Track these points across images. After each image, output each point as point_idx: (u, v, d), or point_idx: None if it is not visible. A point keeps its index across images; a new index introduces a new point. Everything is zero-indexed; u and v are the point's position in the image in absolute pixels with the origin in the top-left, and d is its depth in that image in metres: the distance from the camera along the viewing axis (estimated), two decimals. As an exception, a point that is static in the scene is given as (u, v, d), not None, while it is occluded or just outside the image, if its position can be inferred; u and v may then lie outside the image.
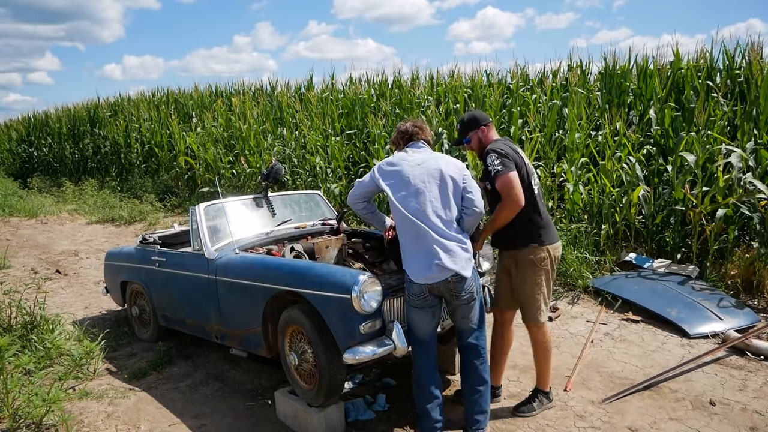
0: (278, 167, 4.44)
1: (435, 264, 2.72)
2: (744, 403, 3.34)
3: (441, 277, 2.73)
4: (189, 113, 13.83)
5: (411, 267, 2.80)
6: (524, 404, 3.32)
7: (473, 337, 2.95)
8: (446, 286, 2.78)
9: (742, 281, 5.16)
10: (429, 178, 2.84)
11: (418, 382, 2.92)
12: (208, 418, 3.47)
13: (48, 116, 19.68)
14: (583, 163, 6.47)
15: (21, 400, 3.11)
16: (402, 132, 3.11)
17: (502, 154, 2.98)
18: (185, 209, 11.02)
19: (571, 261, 5.67)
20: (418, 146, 3.04)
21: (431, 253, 2.73)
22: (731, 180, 5.33)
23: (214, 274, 3.75)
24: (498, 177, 2.92)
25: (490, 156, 2.99)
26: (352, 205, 3.14)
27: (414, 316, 2.88)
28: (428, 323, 2.88)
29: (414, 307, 2.85)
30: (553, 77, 8.46)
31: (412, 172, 2.85)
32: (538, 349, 3.28)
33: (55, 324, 4.43)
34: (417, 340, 2.91)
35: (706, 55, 6.98)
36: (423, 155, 2.96)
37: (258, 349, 3.60)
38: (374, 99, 10.00)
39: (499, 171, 2.92)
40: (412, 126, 3.09)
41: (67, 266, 7.82)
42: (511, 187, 2.90)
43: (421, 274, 2.75)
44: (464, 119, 3.32)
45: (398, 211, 2.82)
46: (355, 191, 3.08)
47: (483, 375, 2.96)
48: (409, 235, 2.80)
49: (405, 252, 2.85)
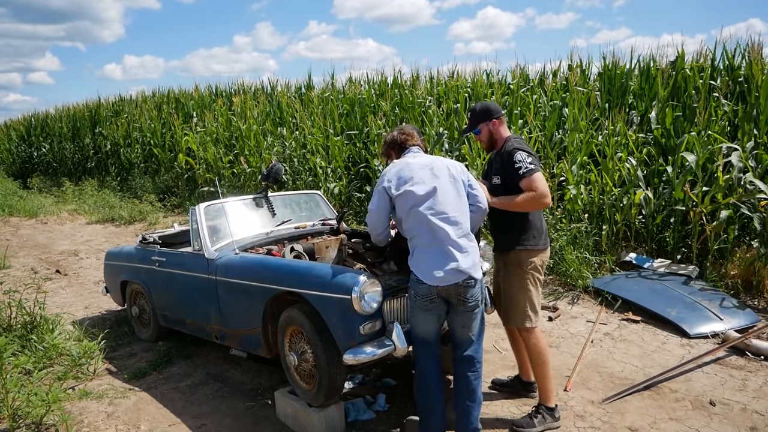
0: (278, 167, 4.44)
1: (450, 266, 2.63)
2: (744, 403, 3.34)
3: (454, 279, 2.65)
4: (190, 113, 13.84)
5: (422, 267, 2.68)
6: (524, 420, 3.13)
7: (471, 350, 2.82)
8: (456, 290, 2.68)
9: (742, 281, 5.17)
10: (441, 178, 2.78)
11: (423, 384, 2.82)
12: (208, 418, 3.47)
13: (48, 116, 19.69)
14: (583, 163, 6.47)
15: (21, 400, 3.11)
16: (390, 142, 3.08)
17: (531, 154, 2.99)
18: (185, 209, 11.02)
19: (571, 261, 5.67)
20: (414, 151, 2.99)
21: (447, 255, 2.65)
22: (731, 180, 5.34)
23: (214, 274, 3.75)
24: (529, 175, 2.93)
25: (519, 153, 2.97)
26: (381, 240, 3.02)
27: (419, 317, 2.79)
28: (434, 324, 2.79)
29: (420, 309, 2.75)
30: (553, 77, 8.46)
31: (422, 174, 2.78)
32: (532, 357, 3.15)
33: (54, 324, 4.43)
34: (421, 341, 2.82)
35: (707, 55, 6.98)
36: (425, 159, 2.91)
37: (258, 349, 3.59)
38: (374, 99, 10.00)
39: (531, 169, 2.93)
40: (399, 134, 3.05)
41: (67, 266, 7.82)
42: (541, 186, 2.92)
43: (433, 275, 2.64)
44: (476, 108, 3.22)
45: (414, 212, 2.72)
46: (375, 223, 2.92)
47: (476, 390, 2.82)
48: (424, 235, 2.69)
49: (417, 252, 2.73)
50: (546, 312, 5.08)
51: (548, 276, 5.93)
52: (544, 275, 3.25)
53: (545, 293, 5.58)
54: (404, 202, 2.76)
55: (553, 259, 5.90)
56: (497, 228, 3.18)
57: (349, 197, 8.90)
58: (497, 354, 4.20)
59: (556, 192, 6.70)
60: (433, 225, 2.68)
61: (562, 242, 5.88)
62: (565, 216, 6.34)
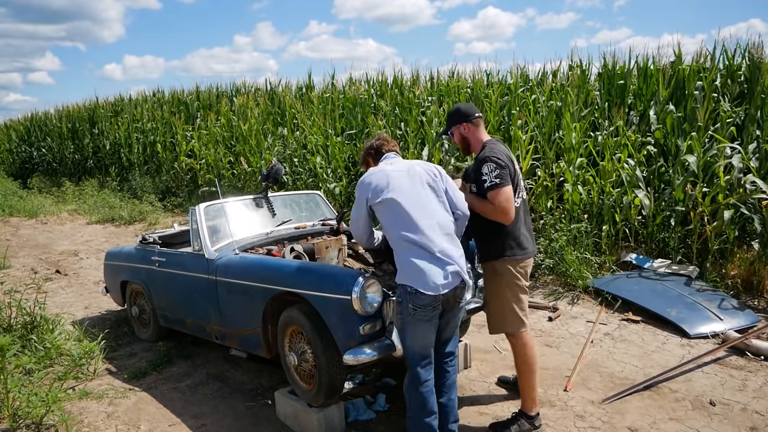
0: (278, 167, 4.44)
1: (450, 270, 2.60)
2: (744, 403, 3.34)
3: (455, 283, 2.63)
4: (193, 114, 13.84)
5: (421, 278, 2.58)
6: (502, 426, 3.08)
7: (453, 346, 2.86)
8: (454, 293, 2.66)
9: (742, 281, 5.17)
10: (418, 184, 2.74)
11: (423, 404, 2.66)
12: (208, 418, 3.47)
13: (48, 116, 19.68)
14: (582, 163, 6.47)
15: (21, 400, 3.11)
16: (367, 149, 3.08)
17: (501, 166, 2.85)
18: (185, 209, 11.03)
19: (571, 261, 5.68)
20: (391, 157, 2.97)
21: (441, 260, 2.60)
22: (732, 180, 5.34)
23: (214, 275, 3.75)
24: (492, 191, 2.84)
25: (488, 165, 2.86)
26: (366, 245, 3.02)
27: (419, 330, 2.64)
28: (433, 333, 2.72)
29: (420, 321, 2.62)
30: (553, 77, 8.46)
31: (400, 180, 2.74)
32: (518, 362, 3.09)
33: (55, 324, 4.43)
34: (421, 356, 2.67)
35: (707, 56, 6.97)
36: (401, 164, 2.87)
37: (258, 349, 3.60)
38: (374, 99, 10.00)
39: (495, 184, 2.83)
40: (376, 141, 3.06)
41: (67, 266, 7.82)
42: (503, 202, 2.83)
43: (436, 284, 2.57)
44: (450, 111, 3.18)
45: (401, 221, 2.66)
46: (358, 231, 2.91)
47: (455, 381, 2.88)
48: (415, 244, 2.61)
49: (411, 263, 2.61)
50: (546, 312, 5.08)
51: (548, 276, 5.94)
52: (529, 280, 3.19)
53: (545, 293, 5.58)
54: (383, 209, 2.72)
55: (553, 259, 5.91)
56: (477, 237, 3.13)
57: (349, 197, 8.89)
58: (497, 354, 4.21)
59: (556, 192, 6.70)
60: (418, 231, 2.62)
61: (562, 242, 5.88)
62: (565, 216, 6.34)
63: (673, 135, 6.19)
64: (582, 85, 7.51)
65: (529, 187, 6.83)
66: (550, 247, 5.98)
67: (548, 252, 5.99)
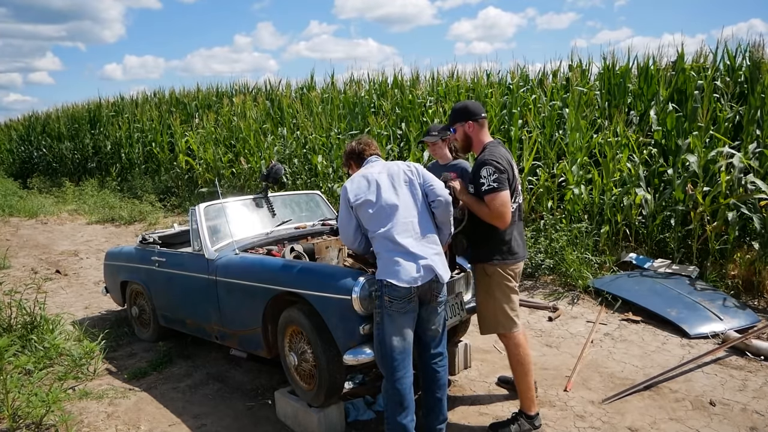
0: (278, 167, 4.44)
1: (422, 263, 2.69)
2: (744, 404, 3.34)
3: (428, 277, 2.70)
4: (192, 113, 13.84)
5: (395, 271, 2.67)
6: (502, 426, 3.07)
7: (441, 345, 2.88)
8: (429, 287, 2.72)
9: (742, 281, 5.17)
10: (399, 183, 2.82)
11: (401, 402, 2.70)
12: (208, 418, 3.47)
13: (48, 116, 19.69)
14: (583, 163, 6.47)
15: (21, 401, 3.11)
16: (349, 153, 3.11)
17: (500, 170, 2.85)
18: (185, 209, 11.03)
19: (571, 261, 5.67)
20: (372, 161, 3.01)
21: (415, 255, 2.69)
22: (732, 180, 5.33)
23: (214, 275, 3.75)
24: (489, 194, 2.85)
25: (487, 168, 2.85)
26: (359, 251, 3.01)
27: (396, 323, 2.69)
28: (412, 326, 2.76)
29: (397, 313, 2.68)
30: (554, 77, 8.46)
31: (381, 179, 2.82)
32: (512, 363, 3.08)
33: (55, 324, 4.43)
34: (399, 350, 2.69)
35: (708, 56, 6.97)
36: (381, 165, 2.94)
37: (258, 349, 3.60)
38: (374, 99, 10.00)
39: (492, 188, 2.83)
40: (357, 144, 3.08)
41: (67, 266, 7.82)
42: (500, 207, 2.84)
43: (410, 276, 2.66)
44: (456, 107, 3.16)
45: (378, 218, 2.75)
46: (345, 236, 2.92)
47: (446, 381, 2.90)
48: (391, 241, 2.71)
49: (388, 256, 2.71)
50: (546, 312, 5.08)
51: (548, 276, 5.94)
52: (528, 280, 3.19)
53: (545, 293, 5.58)
54: (365, 211, 2.78)
55: (553, 260, 5.91)
56: (469, 238, 3.13)
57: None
58: (497, 354, 4.20)
59: (557, 192, 6.70)
60: (394, 229, 2.71)
61: (562, 242, 5.88)
62: (565, 216, 6.34)
63: (674, 135, 6.19)
64: (583, 85, 7.50)
65: (529, 188, 6.83)
66: (550, 247, 5.98)
67: (548, 252, 5.98)
